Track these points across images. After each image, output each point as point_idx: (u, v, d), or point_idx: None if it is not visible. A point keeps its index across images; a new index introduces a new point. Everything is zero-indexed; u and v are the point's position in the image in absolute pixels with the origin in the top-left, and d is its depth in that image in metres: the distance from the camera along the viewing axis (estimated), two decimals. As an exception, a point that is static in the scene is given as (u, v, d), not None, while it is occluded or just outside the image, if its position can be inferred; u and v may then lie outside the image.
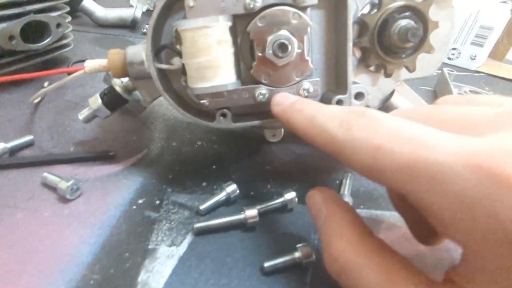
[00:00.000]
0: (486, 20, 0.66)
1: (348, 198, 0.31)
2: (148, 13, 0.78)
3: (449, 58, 0.72)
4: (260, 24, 0.25)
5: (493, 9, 0.66)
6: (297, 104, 0.24)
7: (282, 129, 0.36)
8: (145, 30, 0.70)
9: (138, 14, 0.71)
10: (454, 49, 0.71)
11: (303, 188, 0.32)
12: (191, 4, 0.24)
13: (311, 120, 0.21)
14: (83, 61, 0.29)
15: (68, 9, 0.49)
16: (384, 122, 0.18)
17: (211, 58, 0.25)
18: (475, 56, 0.69)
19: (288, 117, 0.24)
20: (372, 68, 0.30)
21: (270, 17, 0.25)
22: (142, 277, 0.23)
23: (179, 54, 0.26)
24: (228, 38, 0.25)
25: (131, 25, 0.72)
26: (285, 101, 0.25)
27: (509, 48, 0.76)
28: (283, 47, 0.25)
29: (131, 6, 0.82)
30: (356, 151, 0.17)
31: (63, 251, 0.24)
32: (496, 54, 0.75)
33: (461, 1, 0.65)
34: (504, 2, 0.66)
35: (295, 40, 0.25)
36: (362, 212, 0.30)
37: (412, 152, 0.15)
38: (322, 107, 0.22)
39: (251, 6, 0.24)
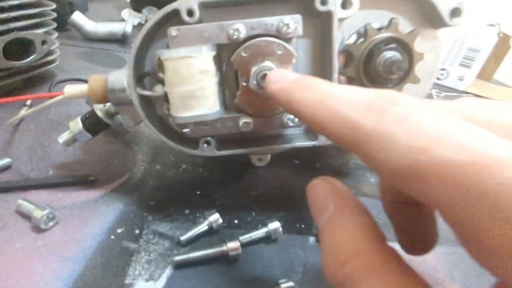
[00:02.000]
0: (474, 42, 0.67)
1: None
2: (139, 27, 0.77)
3: (438, 79, 0.72)
4: (244, 55, 0.25)
5: (480, 31, 0.67)
6: (302, 82, 0.19)
7: (269, 155, 0.35)
8: (135, 45, 0.70)
9: (129, 29, 0.71)
10: (443, 69, 0.71)
11: (289, 216, 0.31)
12: (174, 34, 0.24)
13: (322, 102, 0.17)
14: (68, 80, 0.29)
15: (55, 25, 0.48)
16: (427, 117, 0.13)
17: (194, 88, 0.24)
18: (463, 77, 0.70)
19: (290, 96, 0.19)
20: (358, 97, 0.30)
21: (254, 48, 0.25)
22: (116, 315, 0.22)
23: (162, 82, 0.26)
24: (211, 67, 0.25)
25: (121, 40, 0.71)
26: (284, 78, 0.20)
27: (495, 69, 0.77)
28: (267, 78, 0.25)
29: (123, 19, 0.82)
30: (389, 148, 0.14)
31: (34, 287, 0.23)
32: (484, 75, 0.76)
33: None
34: (492, 25, 0.67)
35: (279, 71, 0.25)
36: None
37: (474, 167, 0.12)
38: (333, 86, 0.17)
39: (235, 36, 0.24)
